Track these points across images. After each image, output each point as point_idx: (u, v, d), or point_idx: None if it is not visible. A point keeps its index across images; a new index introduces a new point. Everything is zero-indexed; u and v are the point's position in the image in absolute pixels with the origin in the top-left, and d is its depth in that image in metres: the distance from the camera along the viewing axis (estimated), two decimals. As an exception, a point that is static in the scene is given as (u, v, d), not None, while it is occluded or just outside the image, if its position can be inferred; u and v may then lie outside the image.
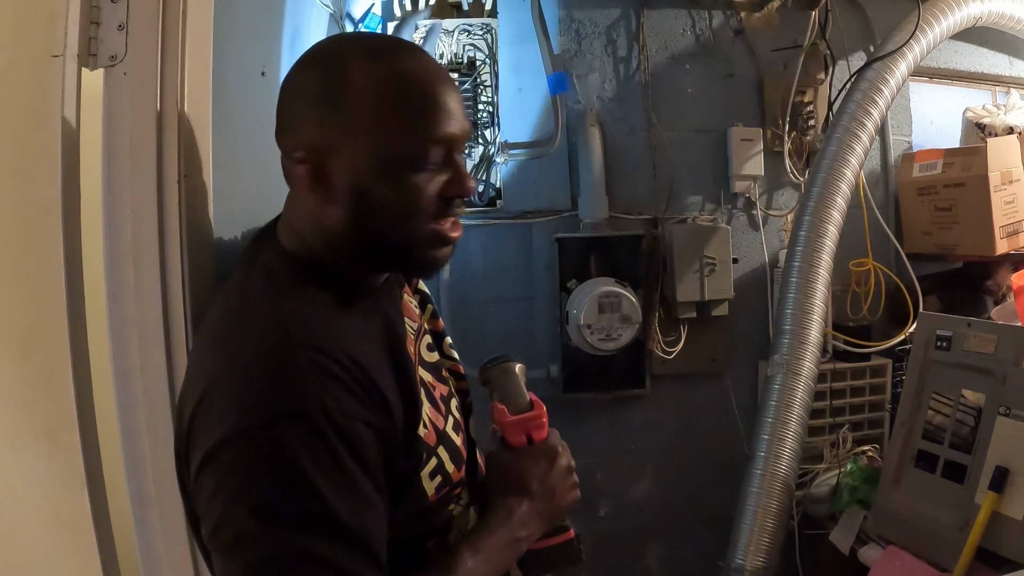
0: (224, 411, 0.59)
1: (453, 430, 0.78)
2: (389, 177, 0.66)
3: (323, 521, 0.58)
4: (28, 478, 0.77)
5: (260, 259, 0.72)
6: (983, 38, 2.16)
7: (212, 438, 0.58)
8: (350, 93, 0.66)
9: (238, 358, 0.62)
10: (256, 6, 1.12)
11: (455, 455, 0.76)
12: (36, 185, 0.75)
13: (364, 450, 0.61)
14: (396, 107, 0.65)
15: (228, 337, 0.65)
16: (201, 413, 0.61)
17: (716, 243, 1.89)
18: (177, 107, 0.80)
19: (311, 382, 0.60)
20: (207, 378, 0.62)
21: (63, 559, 0.78)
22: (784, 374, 1.69)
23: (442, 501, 0.74)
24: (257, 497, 0.57)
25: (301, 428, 0.58)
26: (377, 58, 0.67)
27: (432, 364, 0.82)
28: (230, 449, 0.58)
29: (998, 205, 1.80)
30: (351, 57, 0.67)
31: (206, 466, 0.59)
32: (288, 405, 0.59)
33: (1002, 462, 1.33)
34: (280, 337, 0.62)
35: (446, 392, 0.81)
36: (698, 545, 2.02)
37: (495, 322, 1.93)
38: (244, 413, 0.58)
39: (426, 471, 0.71)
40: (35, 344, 0.76)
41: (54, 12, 0.74)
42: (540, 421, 0.83)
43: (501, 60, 1.80)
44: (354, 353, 0.64)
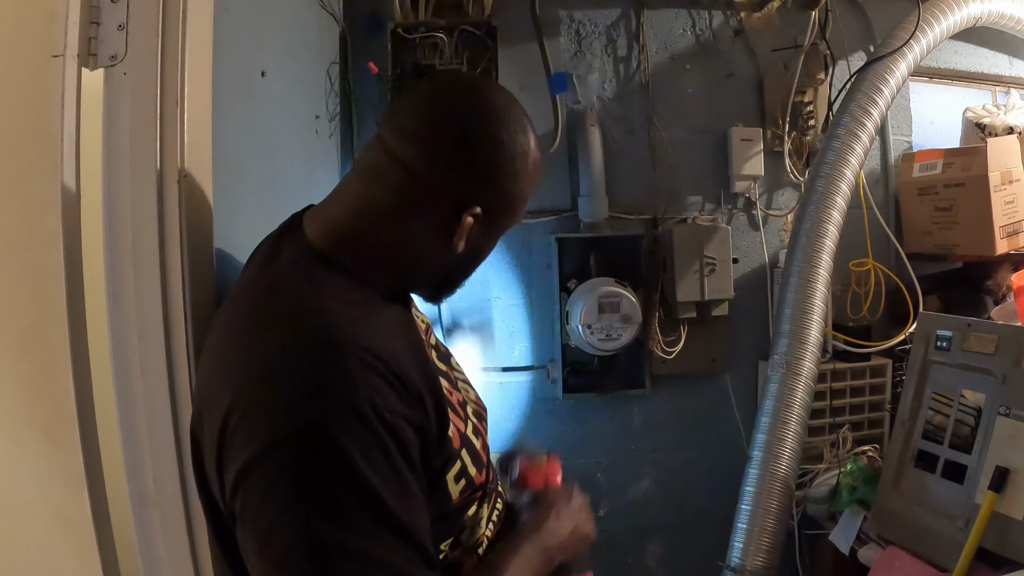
0: (270, 412, 0.58)
1: (473, 434, 0.79)
2: (494, 241, 0.80)
3: (381, 522, 0.57)
4: (28, 478, 0.77)
5: (284, 253, 0.72)
6: (983, 38, 2.16)
7: (258, 442, 0.57)
8: (526, 173, 0.74)
9: (279, 355, 0.61)
10: (256, 6, 1.12)
11: (476, 458, 0.77)
12: (36, 185, 0.75)
13: (410, 448, 0.62)
14: (528, 194, 0.77)
15: (258, 338, 0.64)
16: (237, 419, 0.59)
17: (716, 243, 1.89)
18: (177, 107, 0.80)
19: (361, 379, 0.59)
20: (239, 382, 0.61)
21: (63, 559, 0.78)
22: (784, 374, 1.69)
23: (465, 504, 0.74)
24: (315, 502, 0.56)
25: (354, 426, 0.57)
26: (537, 147, 0.76)
27: (444, 372, 0.83)
28: (274, 457, 0.56)
29: (998, 205, 1.80)
30: (532, 137, 0.75)
31: (252, 471, 0.57)
32: (339, 403, 0.58)
33: (1002, 462, 1.33)
34: (325, 331, 0.62)
35: (461, 399, 0.82)
36: (698, 545, 2.02)
37: (495, 322, 1.93)
38: (286, 419, 0.57)
39: (451, 474, 0.72)
40: (35, 344, 0.76)
41: (54, 12, 0.74)
42: (556, 469, 0.93)
43: (501, 60, 1.80)
44: (392, 349, 0.65)
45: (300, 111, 1.41)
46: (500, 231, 0.79)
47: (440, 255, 0.75)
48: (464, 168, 0.71)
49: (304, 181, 1.38)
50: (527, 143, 0.74)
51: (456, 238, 0.73)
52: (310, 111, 1.48)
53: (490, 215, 0.74)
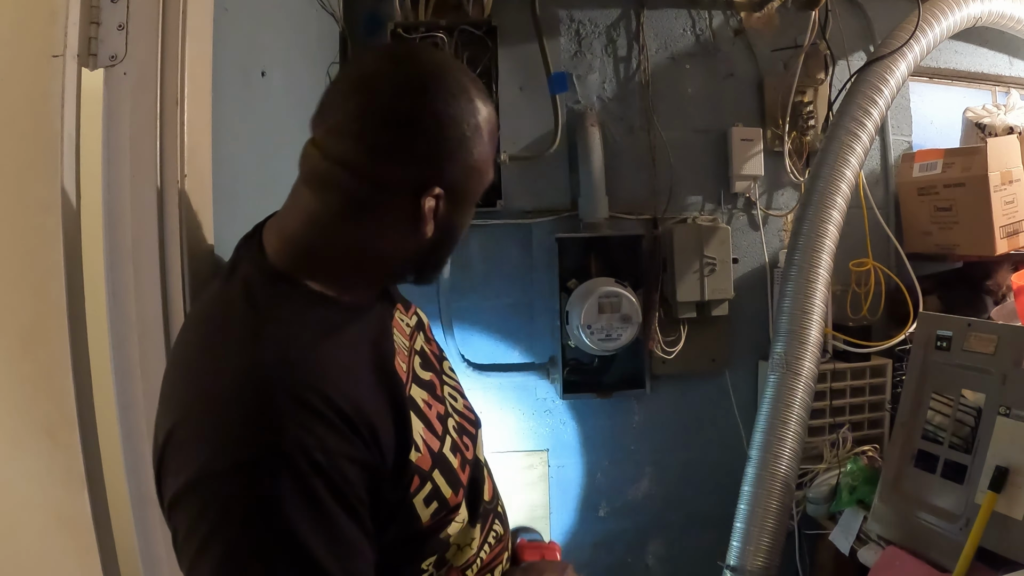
0: (194, 450, 0.56)
1: (451, 451, 0.75)
2: (468, 213, 0.75)
3: (301, 571, 0.55)
4: (28, 478, 0.77)
5: (239, 270, 0.69)
6: (983, 38, 2.16)
7: (182, 477, 0.55)
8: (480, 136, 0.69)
9: (212, 391, 0.59)
10: (256, 6, 1.12)
11: (452, 478, 0.73)
12: (36, 185, 0.75)
13: (348, 489, 0.58)
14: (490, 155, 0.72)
15: (203, 364, 0.62)
16: (172, 447, 0.58)
17: (716, 243, 1.89)
18: (177, 107, 0.80)
19: (289, 420, 0.56)
20: (180, 409, 0.59)
21: (63, 559, 0.78)
22: (784, 374, 1.69)
23: (437, 525, 0.71)
24: (227, 549, 0.54)
25: (278, 470, 0.55)
26: (484, 101, 0.71)
27: (427, 382, 0.79)
28: (200, 492, 0.55)
29: (998, 205, 1.80)
30: (475, 94, 0.69)
31: (176, 506, 0.56)
32: (262, 446, 0.55)
33: (1002, 462, 1.33)
34: (258, 370, 0.59)
35: (443, 411, 0.78)
36: (698, 545, 2.02)
37: (495, 322, 1.93)
38: (215, 454, 0.55)
39: (420, 496, 0.68)
40: (35, 343, 0.76)
41: (54, 12, 0.74)
42: (553, 552, 0.92)
43: (501, 60, 1.80)
44: (339, 382, 0.61)
45: (300, 111, 1.41)
46: (471, 200, 0.74)
47: (411, 245, 0.71)
48: (407, 153, 0.66)
49: (304, 181, 1.38)
50: (469, 102, 0.68)
51: (422, 224, 0.69)
52: (310, 111, 1.47)
53: (452, 190, 0.70)
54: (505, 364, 1.94)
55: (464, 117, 0.68)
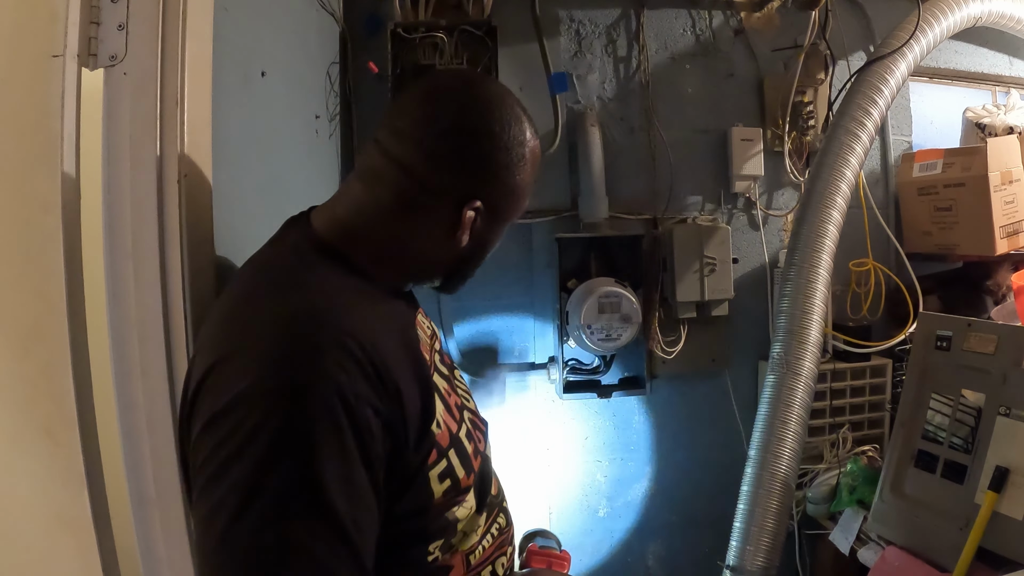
0: (235, 377, 0.58)
1: (466, 437, 0.78)
2: (500, 232, 0.81)
3: (313, 505, 0.56)
4: (28, 478, 0.77)
5: (288, 238, 0.74)
6: (983, 38, 2.16)
7: (219, 401, 0.58)
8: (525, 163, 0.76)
9: (259, 326, 0.62)
10: (256, 6, 1.12)
11: (465, 461, 0.76)
12: (36, 185, 0.75)
13: (369, 439, 0.60)
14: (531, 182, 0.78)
15: (251, 306, 0.65)
16: (213, 376, 0.60)
17: (716, 243, 1.89)
18: (177, 107, 0.80)
19: (330, 358, 0.59)
20: (225, 345, 0.62)
21: (63, 559, 0.78)
22: (784, 374, 1.69)
23: (446, 503, 0.73)
24: (248, 467, 0.55)
25: (312, 403, 0.57)
26: (534, 135, 0.78)
27: (445, 375, 0.82)
28: (233, 413, 0.57)
29: (998, 205, 1.80)
30: (527, 126, 0.76)
31: (207, 429, 0.58)
32: (299, 376, 0.58)
33: (1002, 462, 1.33)
34: (302, 312, 0.62)
35: (459, 403, 0.82)
36: (698, 545, 2.02)
37: (495, 322, 1.93)
38: (254, 380, 0.57)
39: (436, 471, 0.71)
40: (35, 344, 0.76)
41: (54, 12, 0.74)
42: (562, 563, 0.93)
43: (501, 60, 1.80)
44: (375, 339, 0.64)
45: (300, 111, 1.41)
46: (505, 221, 0.80)
47: (446, 250, 0.77)
48: (459, 164, 0.73)
49: (304, 181, 1.38)
50: (521, 133, 0.75)
51: (459, 233, 0.75)
52: (310, 111, 1.48)
53: (491, 207, 0.76)
54: (505, 364, 1.94)
55: (516, 143, 0.74)
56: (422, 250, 0.77)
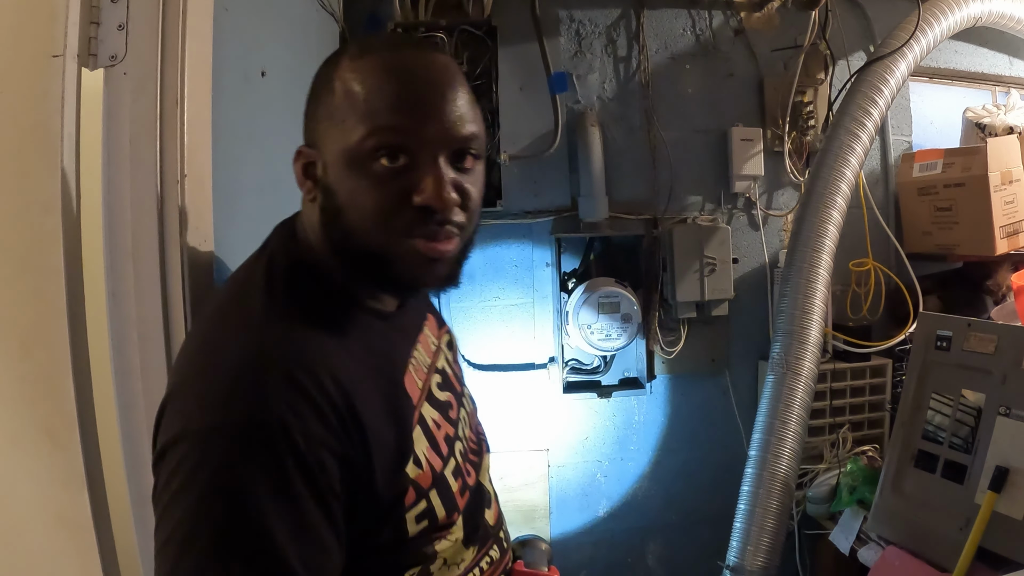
0: (183, 410, 0.58)
1: (452, 475, 0.74)
2: (349, 171, 0.64)
3: (255, 545, 0.54)
4: (28, 479, 0.77)
5: (268, 247, 0.71)
6: (983, 38, 2.16)
7: (168, 433, 0.57)
8: (333, 89, 0.67)
9: (214, 359, 0.60)
10: (256, 6, 1.12)
11: (448, 501, 0.72)
12: (36, 185, 0.75)
13: (322, 478, 0.57)
14: (361, 98, 0.63)
15: (213, 336, 0.64)
16: (169, 408, 0.60)
17: (716, 243, 1.89)
18: (177, 107, 0.80)
19: (277, 397, 0.56)
20: (182, 374, 0.62)
21: (63, 559, 0.78)
22: (784, 374, 1.69)
23: (422, 538, 0.70)
24: (191, 505, 0.54)
25: (254, 443, 0.55)
26: (364, 53, 0.67)
27: (442, 402, 0.78)
28: (179, 449, 0.55)
29: (998, 205, 1.79)
30: (344, 54, 0.69)
31: (159, 462, 0.57)
32: (243, 417, 0.55)
33: (1002, 462, 1.33)
34: (257, 346, 0.60)
35: (452, 434, 0.77)
36: (698, 545, 2.02)
37: (495, 322, 1.93)
38: (199, 415, 0.56)
39: (413, 513, 0.67)
40: (35, 344, 0.76)
41: (54, 12, 0.74)
42: None
43: (501, 60, 1.80)
44: (338, 373, 0.61)
45: (300, 111, 1.41)
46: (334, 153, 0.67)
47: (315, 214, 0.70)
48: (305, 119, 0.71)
49: (304, 181, 1.38)
50: (334, 65, 0.69)
51: (300, 186, 0.70)
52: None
53: (315, 145, 0.69)
54: (505, 364, 1.94)
55: (321, 74, 0.70)
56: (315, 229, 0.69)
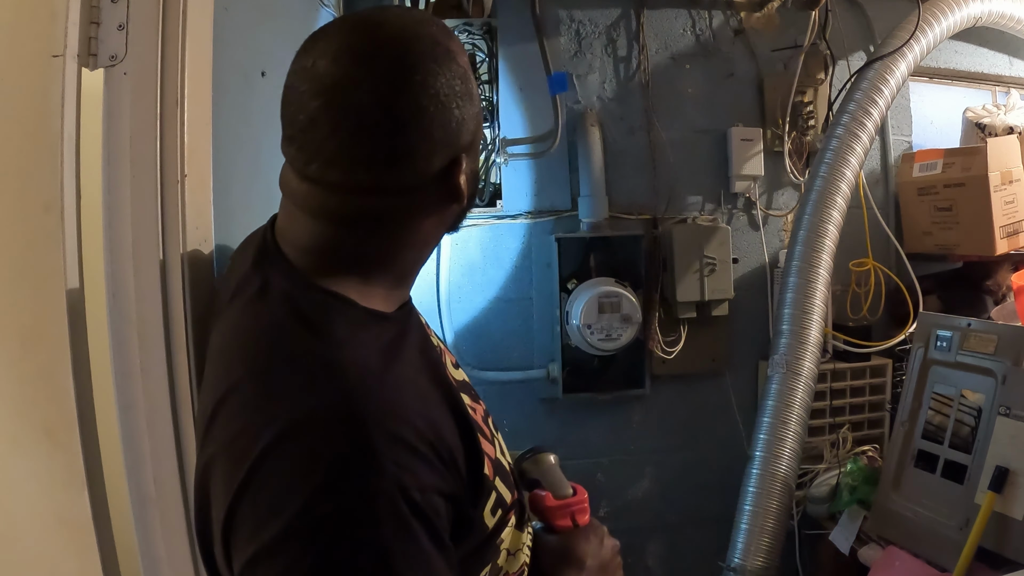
0: (282, 500, 0.50)
1: (501, 454, 0.73)
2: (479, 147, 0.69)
3: None
4: (28, 478, 0.77)
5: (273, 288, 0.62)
6: (983, 38, 2.16)
7: (268, 529, 0.50)
8: (470, 79, 0.63)
9: (291, 434, 0.52)
10: (256, 6, 1.12)
11: (507, 480, 0.71)
12: (36, 185, 0.75)
13: (439, 524, 0.55)
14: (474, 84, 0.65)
15: (271, 405, 0.54)
16: (250, 495, 0.52)
17: (716, 243, 1.89)
18: (177, 107, 0.80)
19: (386, 459, 0.51)
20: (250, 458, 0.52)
21: (63, 559, 0.78)
22: (784, 374, 1.69)
23: (497, 529, 0.68)
24: None
25: (380, 514, 0.50)
26: (454, 37, 0.64)
27: (462, 383, 0.76)
28: (296, 542, 0.49)
29: (998, 205, 1.80)
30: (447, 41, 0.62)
31: (260, 563, 0.50)
32: (363, 490, 0.50)
33: (1002, 462, 1.33)
34: (344, 407, 0.53)
35: (483, 411, 0.75)
36: (698, 545, 2.02)
37: (495, 322, 1.93)
38: (312, 502, 0.49)
39: (488, 507, 0.66)
40: (35, 344, 0.76)
41: (54, 12, 0.74)
42: (583, 506, 0.83)
43: (501, 60, 1.80)
44: (420, 408, 0.57)
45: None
46: (480, 140, 0.70)
47: (450, 217, 0.69)
48: (423, 146, 0.59)
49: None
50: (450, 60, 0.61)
51: (460, 197, 0.65)
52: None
53: (468, 147, 0.65)
54: (505, 364, 1.94)
55: (454, 74, 0.61)
56: (426, 241, 0.67)
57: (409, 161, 0.60)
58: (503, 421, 1.94)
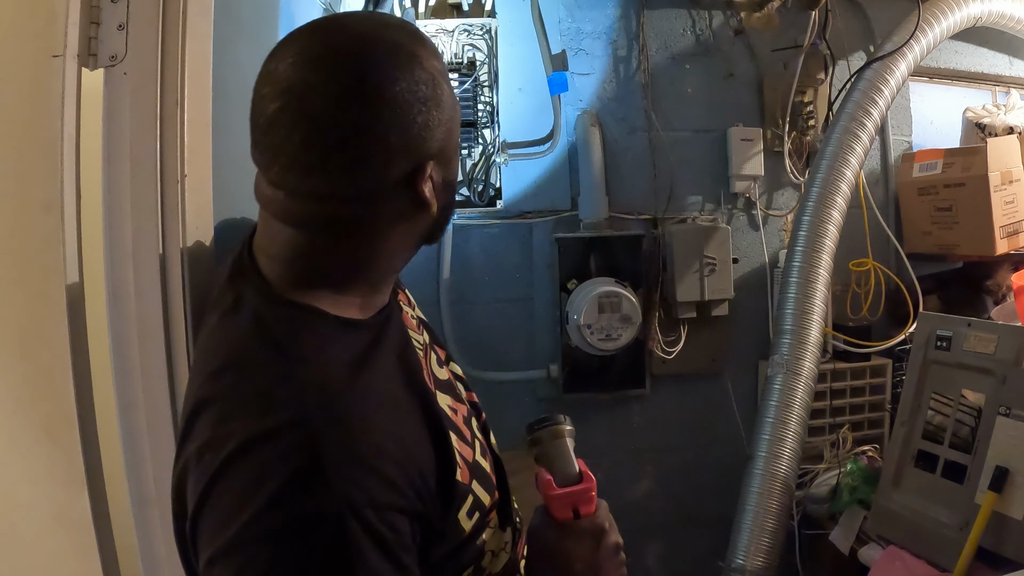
0: (234, 509, 0.52)
1: (482, 455, 0.73)
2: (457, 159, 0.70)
3: None
4: (28, 478, 0.77)
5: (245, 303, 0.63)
6: (983, 38, 2.16)
7: (220, 537, 0.52)
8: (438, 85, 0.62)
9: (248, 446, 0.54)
10: (256, 6, 1.12)
11: (486, 483, 0.71)
12: (36, 185, 0.75)
13: (397, 541, 0.55)
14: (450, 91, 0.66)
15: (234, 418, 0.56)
16: (210, 505, 0.54)
17: (716, 243, 1.89)
18: (177, 107, 0.80)
19: (336, 476, 0.52)
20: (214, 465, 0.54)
21: (63, 559, 0.78)
22: (784, 374, 1.69)
23: (476, 531, 0.69)
24: None
25: (326, 532, 0.51)
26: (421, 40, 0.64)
27: (445, 383, 0.77)
28: (242, 553, 0.51)
29: (998, 205, 1.79)
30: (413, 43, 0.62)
31: (215, 565, 0.52)
32: (309, 507, 0.51)
33: (1002, 462, 1.33)
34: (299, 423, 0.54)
35: (466, 413, 0.76)
36: (698, 545, 2.02)
37: (495, 322, 1.93)
38: (257, 515, 0.51)
39: (463, 511, 0.66)
40: (35, 344, 0.76)
41: (54, 12, 0.74)
42: (589, 495, 0.77)
43: (501, 60, 1.80)
44: (384, 421, 0.58)
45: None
46: (456, 147, 0.69)
47: (421, 227, 0.68)
48: (381, 154, 0.59)
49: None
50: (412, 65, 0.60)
51: (428, 207, 0.64)
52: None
53: (439, 155, 0.64)
54: (505, 364, 1.94)
55: (417, 79, 0.60)
56: (399, 247, 0.67)
57: (364, 168, 0.60)
58: (503, 421, 1.94)
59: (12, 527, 0.79)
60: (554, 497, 0.74)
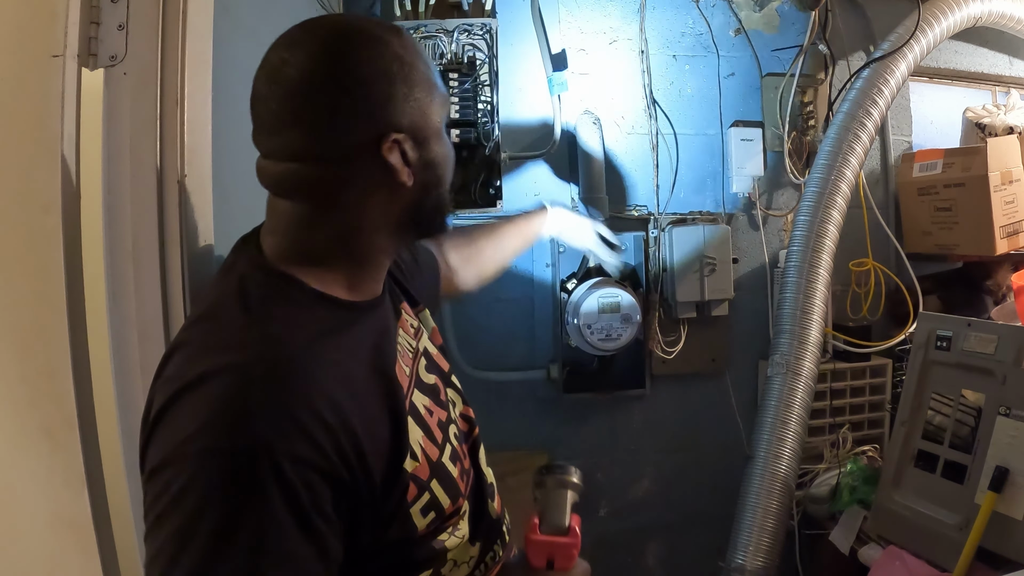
0: (172, 432, 0.57)
1: (450, 460, 0.74)
2: (441, 139, 0.73)
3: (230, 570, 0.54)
4: (28, 479, 0.77)
5: (236, 267, 0.69)
6: (983, 38, 2.16)
7: (158, 455, 0.57)
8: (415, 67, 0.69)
9: (199, 383, 0.58)
10: (256, 6, 1.12)
11: (450, 487, 0.72)
12: (36, 185, 0.75)
13: (311, 502, 0.57)
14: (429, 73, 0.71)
15: (194, 359, 0.61)
16: (159, 428, 0.59)
17: (716, 243, 1.89)
18: (177, 107, 0.80)
19: (262, 422, 0.56)
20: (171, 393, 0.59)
21: (63, 559, 0.78)
22: (784, 374, 1.70)
23: (432, 532, 0.71)
24: (173, 528, 0.54)
25: (238, 469, 0.54)
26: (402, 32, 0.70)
27: (430, 386, 0.78)
28: (168, 471, 0.55)
29: (998, 205, 1.80)
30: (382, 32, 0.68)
31: (148, 481, 0.58)
32: (228, 442, 0.55)
33: (1002, 462, 1.33)
34: (241, 369, 0.58)
35: (445, 418, 0.77)
36: (698, 545, 2.02)
37: (495, 322, 1.93)
38: (187, 439, 0.56)
39: (417, 507, 0.68)
40: (35, 343, 0.76)
41: (54, 12, 0.74)
42: (570, 551, 0.75)
43: (501, 60, 1.80)
44: (329, 387, 0.61)
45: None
46: (436, 128, 0.72)
47: (399, 201, 0.71)
48: (344, 117, 0.65)
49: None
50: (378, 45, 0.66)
51: (397, 175, 0.68)
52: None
53: (411, 128, 0.69)
54: (505, 364, 1.94)
55: (384, 56, 0.67)
56: (378, 220, 0.70)
57: (329, 128, 0.65)
58: (503, 421, 1.94)
59: (12, 527, 0.79)
60: (533, 541, 0.75)
